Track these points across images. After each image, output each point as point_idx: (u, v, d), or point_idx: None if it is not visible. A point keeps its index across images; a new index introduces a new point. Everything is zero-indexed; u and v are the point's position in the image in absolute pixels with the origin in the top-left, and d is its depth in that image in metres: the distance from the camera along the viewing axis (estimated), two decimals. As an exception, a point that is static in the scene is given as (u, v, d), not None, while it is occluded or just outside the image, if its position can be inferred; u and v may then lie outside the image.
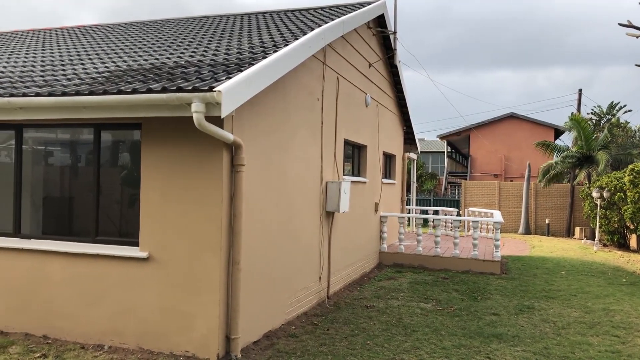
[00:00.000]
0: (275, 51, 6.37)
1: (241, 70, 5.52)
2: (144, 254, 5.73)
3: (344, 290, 9.32)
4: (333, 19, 8.56)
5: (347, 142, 9.80)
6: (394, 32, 11.82)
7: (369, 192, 11.35)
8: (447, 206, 25.03)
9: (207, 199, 5.55)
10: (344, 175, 9.53)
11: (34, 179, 6.66)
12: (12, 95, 5.66)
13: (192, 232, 5.61)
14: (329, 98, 8.51)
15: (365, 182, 10.89)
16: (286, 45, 6.67)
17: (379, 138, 11.98)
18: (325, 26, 7.80)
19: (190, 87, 5.01)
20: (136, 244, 5.85)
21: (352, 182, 9.63)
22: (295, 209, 7.32)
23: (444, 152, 43.16)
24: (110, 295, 5.89)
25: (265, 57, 6.06)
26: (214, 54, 7.04)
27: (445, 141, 37.76)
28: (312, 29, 7.68)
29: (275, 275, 6.76)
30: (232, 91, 5.03)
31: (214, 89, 4.86)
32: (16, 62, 8.14)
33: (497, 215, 13.84)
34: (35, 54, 8.87)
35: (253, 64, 5.77)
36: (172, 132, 5.66)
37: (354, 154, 10.74)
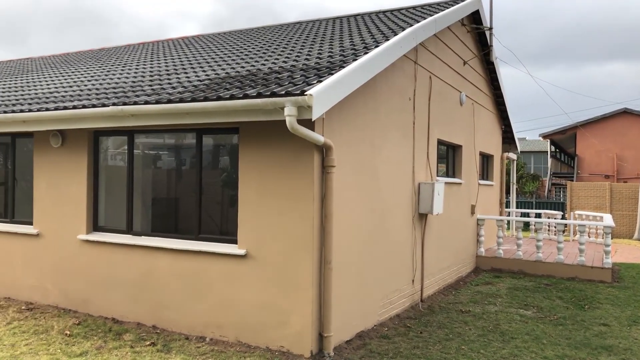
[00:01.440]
0: (366, 53, 6.41)
1: (332, 74, 5.62)
2: (242, 251, 6.01)
3: (438, 294, 9.13)
4: (425, 18, 8.44)
5: (440, 142, 9.60)
6: (490, 28, 11.39)
7: (465, 194, 11.03)
8: (550, 209, 23.61)
9: (299, 199, 5.71)
10: (437, 176, 9.34)
11: (144, 181, 7.23)
12: (124, 103, 6.19)
13: (286, 231, 5.79)
14: (421, 98, 8.39)
15: (460, 184, 10.59)
16: (377, 46, 6.69)
17: (475, 137, 11.60)
18: (416, 25, 7.72)
19: (283, 92, 5.18)
20: (235, 242, 6.15)
21: (446, 183, 9.41)
22: (386, 210, 7.30)
23: (546, 151, 40.73)
24: (211, 289, 6.24)
25: (356, 59, 6.12)
26: (306, 59, 7.23)
27: (549, 140, 35.61)
28: (404, 29, 7.63)
29: (367, 276, 6.79)
30: (323, 94, 5.14)
31: (305, 93, 5.00)
32: (128, 73, 8.88)
33: (608, 219, 12.83)
34: (144, 65, 9.62)
35: (344, 67, 5.85)
36: (267, 135, 5.89)
37: (448, 155, 10.49)
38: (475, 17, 10.96)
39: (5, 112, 7.21)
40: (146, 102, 6.03)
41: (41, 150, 7.65)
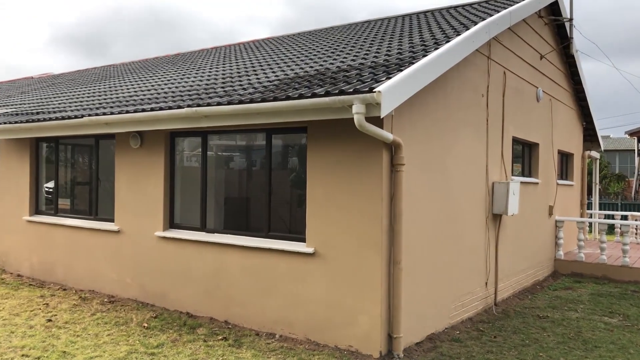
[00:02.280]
0: (436, 48, 6.25)
1: (401, 70, 5.52)
2: (310, 250, 6.04)
3: (513, 298, 8.75)
4: (499, 11, 8.12)
5: (515, 140, 9.21)
6: (570, 19, 10.79)
7: (542, 194, 10.51)
8: (637, 211, 22.03)
9: (367, 198, 5.66)
10: (512, 175, 8.96)
11: (217, 180, 7.45)
12: (198, 105, 6.39)
13: (354, 230, 5.76)
14: (494, 94, 8.09)
15: (537, 183, 10.11)
16: (447, 41, 6.51)
17: (553, 135, 11.03)
18: (490, 19, 7.44)
19: (351, 90, 5.15)
20: (303, 240, 6.19)
21: (521, 182, 9.00)
22: (458, 210, 7.09)
23: (633, 150, 38.10)
24: (280, 287, 6.32)
25: (426, 55, 5.98)
26: (374, 56, 7.16)
27: (636, 138, 33.32)
28: (476, 23, 7.38)
29: (438, 278, 6.62)
30: (391, 91, 5.06)
31: (373, 90, 4.94)
32: (202, 76, 9.19)
33: None
34: (217, 68, 9.92)
35: (413, 63, 5.73)
36: (335, 134, 5.88)
37: (524, 153, 10.04)
38: (553, 8, 10.43)
39: (89, 115, 7.66)
40: (218, 104, 6.20)
41: (122, 151, 8.07)
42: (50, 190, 9.63)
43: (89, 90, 11.20)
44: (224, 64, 10.28)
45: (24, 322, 6.54)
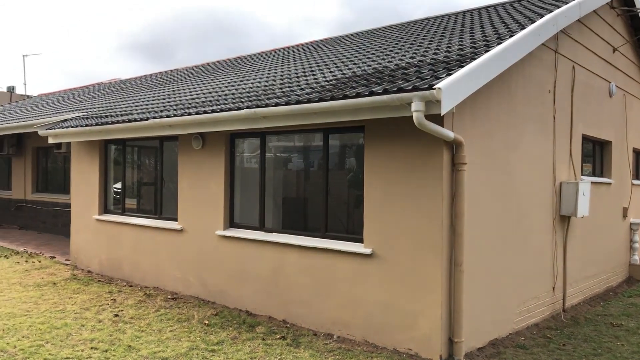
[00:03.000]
0: (499, 43, 6.02)
1: (462, 66, 5.35)
2: (367, 250, 5.96)
3: (583, 305, 8.30)
4: (566, 3, 7.73)
5: (585, 138, 8.73)
6: (646, 9, 10.12)
7: (615, 195, 9.91)
8: None
9: (426, 198, 5.52)
10: (582, 175, 8.51)
11: (274, 180, 7.51)
12: (257, 106, 6.47)
13: (413, 230, 5.63)
14: (562, 89, 7.70)
15: (609, 184, 9.55)
16: (511, 36, 6.25)
17: (627, 132, 10.39)
18: (557, 11, 7.09)
19: (410, 87, 5.04)
20: (360, 241, 6.12)
21: (592, 183, 8.53)
22: (522, 211, 6.80)
23: None
24: (338, 287, 6.27)
25: (488, 51, 5.77)
26: (434, 53, 6.99)
27: None
28: (542, 16, 7.06)
29: (501, 281, 6.37)
30: (452, 88, 4.91)
31: (433, 87, 4.81)
32: (261, 78, 9.31)
33: None
34: (275, 69, 10.03)
35: (474, 59, 5.54)
36: (393, 133, 5.78)
37: (595, 152, 9.51)
38: (627, -1, 9.84)
39: (154, 117, 7.93)
40: (276, 104, 6.24)
41: (184, 152, 8.30)
42: (118, 190, 10.06)
43: (154, 94, 11.62)
44: (282, 66, 10.38)
45: (93, 316, 6.84)
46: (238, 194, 7.81)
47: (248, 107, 6.58)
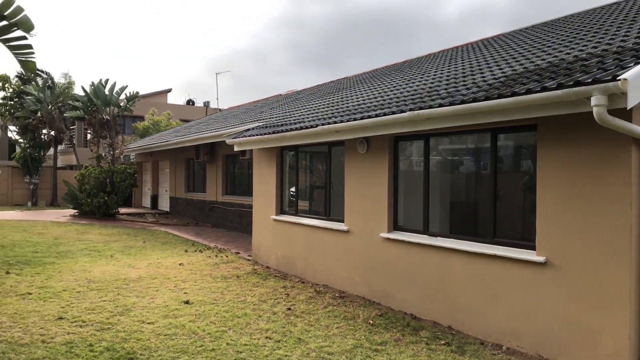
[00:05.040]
0: None
1: (655, 52, 4.69)
2: (540, 259, 5.53)
3: None
4: None
5: None
6: None
7: None
8: None
9: (610, 203, 4.93)
10: None
11: (439, 183, 7.37)
12: (420, 108, 6.43)
13: (593, 238, 5.07)
14: None
15: None
16: None
17: None
18: None
19: (589, 80, 4.57)
20: (532, 248, 5.70)
21: None
22: None
23: None
24: (507, 296, 5.92)
25: (691, 31, 4.96)
26: (622, 41, 6.22)
27: None
28: None
29: None
30: (642, 77, 4.33)
31: (617, 78, 4.30)
32: (426, 80, 9.22)
33: None
34: (442, 70, 9.84)
35: (672, 42, 4.81)
36: (569, 131, 5.29)
37: None
38: None
39: (322, 124, 8.35)
40: (440, 105, 6.13)
41: (350, 156, 8.59)
42: (293, 193, 10.81)
43: (324, 102, 12.23)
44: (449, 66, 10.15)
45: (269, 308, 7.43)
46: (401, 197, 7.83)
47: (411, 109, 6.57)
